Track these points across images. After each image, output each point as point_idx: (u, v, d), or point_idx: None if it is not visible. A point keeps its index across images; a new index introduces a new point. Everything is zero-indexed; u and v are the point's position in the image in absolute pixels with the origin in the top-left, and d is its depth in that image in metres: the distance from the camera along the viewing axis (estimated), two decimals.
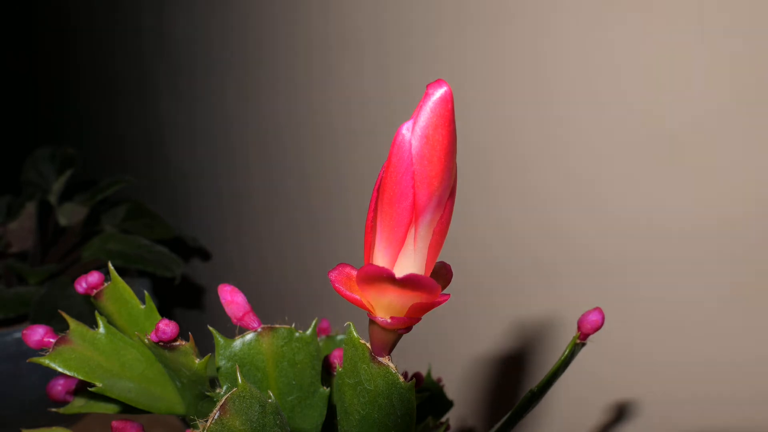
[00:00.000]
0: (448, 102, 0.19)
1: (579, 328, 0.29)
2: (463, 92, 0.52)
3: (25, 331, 0.28)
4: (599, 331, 0.28)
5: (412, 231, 0.20)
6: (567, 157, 0.48)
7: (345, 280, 0.22)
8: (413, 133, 0.19)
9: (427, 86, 0.19)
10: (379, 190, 0.21)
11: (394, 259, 0.21)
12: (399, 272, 0.21)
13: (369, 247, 0.22)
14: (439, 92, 0.19)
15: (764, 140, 0.38)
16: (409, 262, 0.21)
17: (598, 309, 0.28)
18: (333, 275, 0.22)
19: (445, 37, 0.54)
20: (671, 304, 0.44)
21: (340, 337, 0.38)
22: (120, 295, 0.31)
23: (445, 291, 0.23)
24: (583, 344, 0.29)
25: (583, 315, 0.29)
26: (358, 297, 0.22)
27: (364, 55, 0.62)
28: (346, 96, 0.66)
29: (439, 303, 0.21)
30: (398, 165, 0.19)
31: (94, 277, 0.30)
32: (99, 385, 0.27)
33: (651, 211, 0.44)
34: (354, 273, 0.22)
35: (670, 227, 0.43)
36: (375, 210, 0.21)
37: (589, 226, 0.48)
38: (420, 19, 0.55)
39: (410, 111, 0.19)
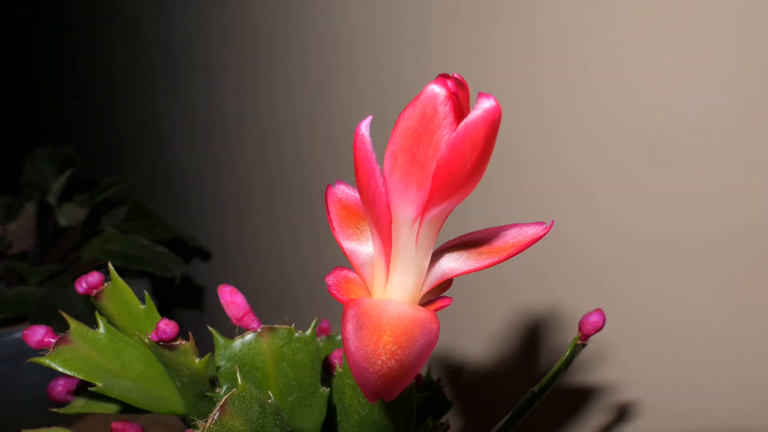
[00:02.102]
0: (496, 118, 0.18)
1: (580, 329, 0.29)
2: None
3: (25, 331, 0.28)
4: (600, 331, 0.28)
5: (415, 228, 0.19)
6: (567, 156, 0.48)
7: (342, 284, 0.22)
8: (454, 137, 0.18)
9: (478, 95, 0.18)
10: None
11: (388, 259, 0.20)
12: (397, 274, 0.21)
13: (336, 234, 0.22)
14: (486, 106, 0.18)
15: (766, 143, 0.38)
16: (410, 263, 0.20)
17: (599, 310, 0.28)
18: (330, 280, 0.21)
19: (434, 35, 0.54)
20: (672, 304, 0.44)
21: (340, 337, 0.38)
22: (120, 295, 0.31)
23: (445, 293, 0.23)
24: (584, 345, 0.29)
25: (584, 316, 0.29)
26: None
27: (365, 54, 0.62)
28: (345, 95, 0.66)
29: (441, 307, 0.21)
30: (364, 166, 0.18)
31: (94, 277, 0.30)
32: (99, 385, 0.27)
33: (650, 212, 0.44)
34: (351, 276, 0.22)
35: (671, 228, 0.43)
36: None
37: (590, 225, 0.48)
38: (411, 18, 0.55)
39: None
